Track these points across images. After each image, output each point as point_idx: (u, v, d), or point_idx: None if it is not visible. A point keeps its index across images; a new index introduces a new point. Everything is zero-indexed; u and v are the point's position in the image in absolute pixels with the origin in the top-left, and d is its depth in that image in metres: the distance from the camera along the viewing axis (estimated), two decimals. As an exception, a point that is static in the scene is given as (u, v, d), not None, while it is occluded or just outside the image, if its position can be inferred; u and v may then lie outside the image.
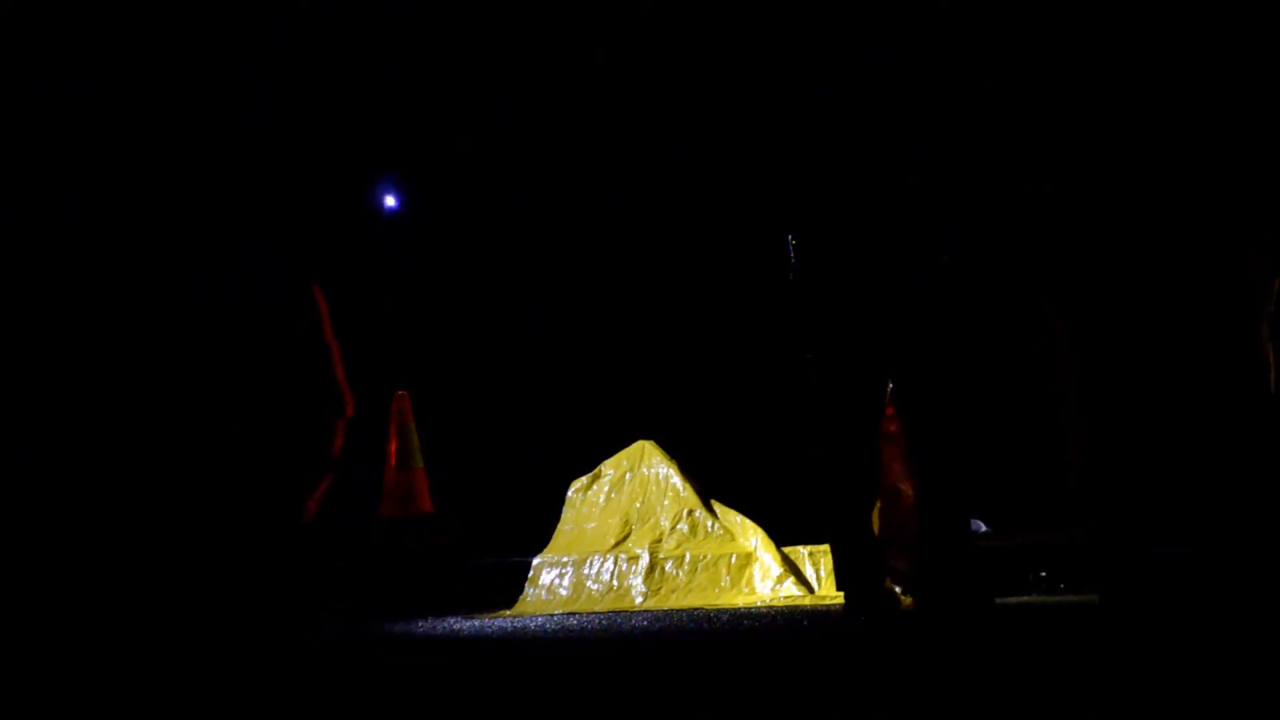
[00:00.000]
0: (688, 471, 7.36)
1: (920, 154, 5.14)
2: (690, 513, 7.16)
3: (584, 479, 7.50)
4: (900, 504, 5.82)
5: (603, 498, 7.41)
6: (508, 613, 6.94)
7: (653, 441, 7.46)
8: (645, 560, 7.00)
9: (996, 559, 6.30)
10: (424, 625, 6.51)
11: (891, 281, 5.18)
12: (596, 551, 7.13)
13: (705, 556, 6.95)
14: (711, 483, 7.42)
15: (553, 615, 6.72)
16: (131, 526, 5.38)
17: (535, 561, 7.21)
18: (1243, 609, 5.18)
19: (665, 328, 8.88)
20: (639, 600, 6.89)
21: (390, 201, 9.13)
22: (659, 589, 6.92)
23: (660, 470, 7.33)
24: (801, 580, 6.75)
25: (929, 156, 5.14)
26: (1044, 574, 6.30)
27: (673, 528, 7.14)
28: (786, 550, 6.88)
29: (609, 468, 7.47)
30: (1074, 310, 6.07)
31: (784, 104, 5.15)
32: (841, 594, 5.47)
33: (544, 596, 7.08)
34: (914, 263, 5.19)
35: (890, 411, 5.48)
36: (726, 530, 7.07)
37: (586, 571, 7.07)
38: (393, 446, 8.07)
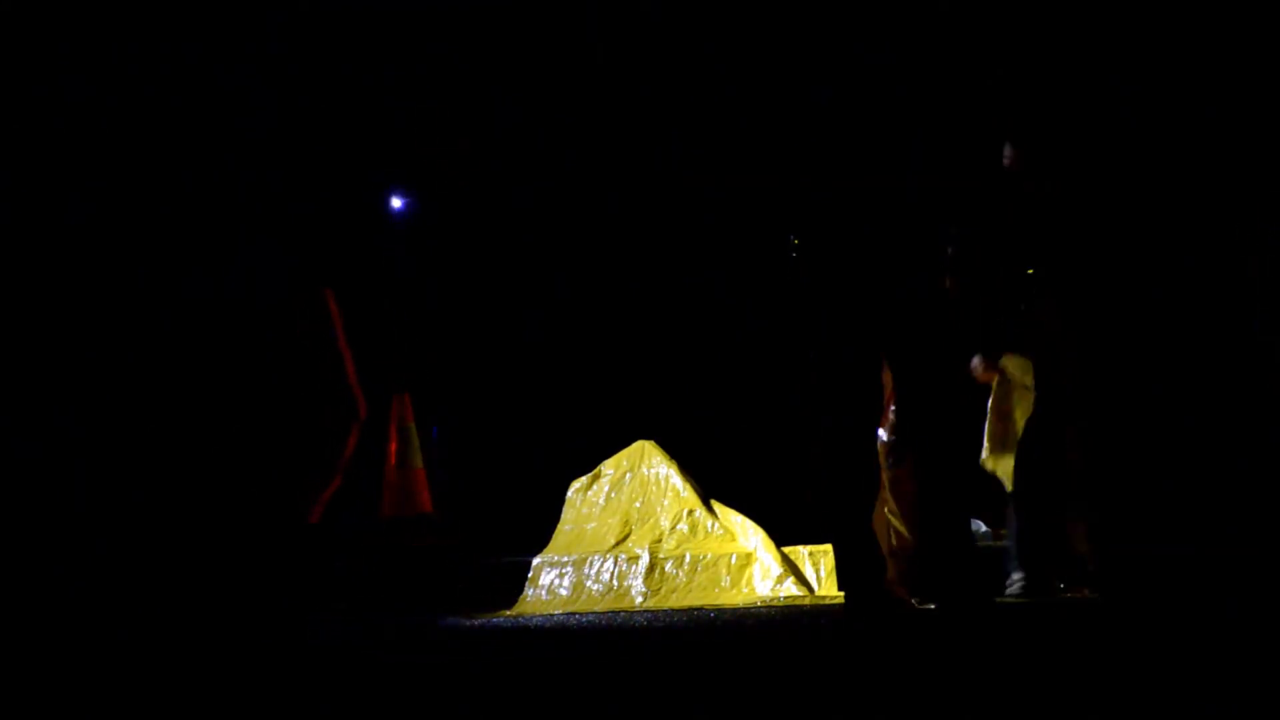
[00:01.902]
0: (688, 471, 7.35)
1: (920, 154, 5.13)
2: (690, 513, 7.15)
3: (584, 479, 7.50)
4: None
5: (603, 498, 7.40)
6: (508, 613, 6.94)
7: (653, 441, 7.46)
8: (645, 560, 6.99)
9: (996, 559, 6.30)
10: (424, 625, 6.51)
11: (891, 281, 5.17)
12: (596, 551, 7.12)
13: (705, 556, 6.95)
14: (711, 483, 7.42)
15: (553, 615, 6.71)
16: (131, 526, 5.38)
17: (535, 561, 7.21)
18: (1243, 609, 5.18)
19: (665, 328, 8.88)
20: (639, 600, 6.88)
21: (396, 203, 9.14)
22: (659, 589, 6.91)
23: (660, 470, 7.33)
24: (801, 580, 6.74)
25: (929, 156, 5.13)
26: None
27: (673, 528, 7.13)
28: (786, 550, 6.87)
29: (609, 468, 7.47)
30: (1074, 310, 6.07)
31: (784, 104, 5.14)
32: (842, 594, 5.47)
33: (544, 596, 7.07)
34: (914, 263, 5.19)
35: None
36: (726, 530, 7.06)
37: (586, 571, 7.06)
38: (393, 446, 8.08)
